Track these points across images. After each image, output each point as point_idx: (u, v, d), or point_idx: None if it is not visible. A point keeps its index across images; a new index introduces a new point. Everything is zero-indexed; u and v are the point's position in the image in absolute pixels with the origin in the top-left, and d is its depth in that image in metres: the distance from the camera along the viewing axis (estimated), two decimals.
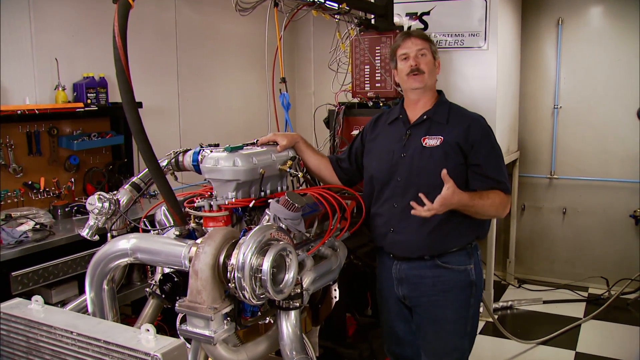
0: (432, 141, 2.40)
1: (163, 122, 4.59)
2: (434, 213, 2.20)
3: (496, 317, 4.55)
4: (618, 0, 5.07)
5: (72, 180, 3.78)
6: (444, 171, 2.20)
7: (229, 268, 1.77)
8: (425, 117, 2.46)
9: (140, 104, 4.01)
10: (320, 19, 3.38)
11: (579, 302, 5.03)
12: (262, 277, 1.75)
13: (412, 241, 2.43)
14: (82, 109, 3.61)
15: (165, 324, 2.75)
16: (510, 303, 4.96)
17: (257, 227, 1.85)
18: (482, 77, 4.27)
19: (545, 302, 5.02)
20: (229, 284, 1.77)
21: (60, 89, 3.64)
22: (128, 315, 3.50)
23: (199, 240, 1.92)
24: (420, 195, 2.21)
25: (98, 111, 3.76)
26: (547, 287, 5.38)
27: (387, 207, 2.48)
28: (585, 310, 4.84)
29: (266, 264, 1.75)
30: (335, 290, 2.55)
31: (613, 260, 5.27)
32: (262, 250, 1.78)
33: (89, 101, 3.73)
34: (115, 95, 4.03)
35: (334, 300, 2.56)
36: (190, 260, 1.86)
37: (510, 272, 5.55)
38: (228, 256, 1.80)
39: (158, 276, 2.18)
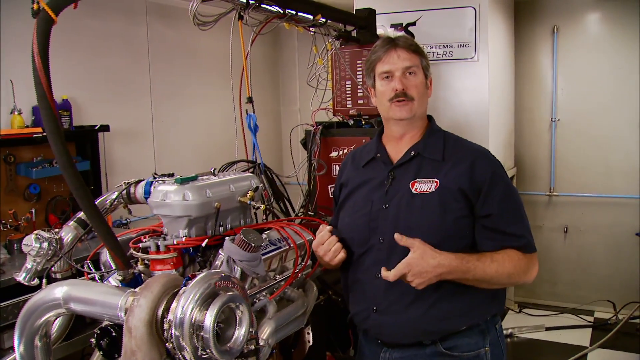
0: (424, 186, 1.82)
1: (136, 145, 4.33)
2: (398, 278, 1.69)
3: None
4: (616, 5, 4.87)
5: (33, 210, 3.49)
6: (397, 234, 1.72)
7: (166, 325, 1.50)
8: (412, 153, 1.88)
9: (107, 127, 3.79)
10: (305, 32, 3.14)
11: (584, 328, 4.75)
12: (204, 335, 1.47)
13: (404, 323, 1.83)
14: (40, 134, 3.33)
15: None
16: (510, 330, 4.66)
17: (201, 274, 1.57)
18: (473, 89, 4.08)
19: (548, 328, 4.74)
20: (167, 344, 1.50)
21: (16, 112, 3.38)
22: None
23: (138, 289, 1.64)
24: (396, 236, 1.72)
25: None
26: (549, 311, 5.10)
27: (368, 277, 1.89)
28: (592, 337, 4.56)
29: (209, 320, 1.47)
30: (308, 333, 2.28)
31: (619, 282, 5.00)
32: (205, 303, 1.50)
33: None
34: (80, 118, 3.79)
35: (308, 345, 2.30)
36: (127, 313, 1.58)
37: (510, 296, 5.25)
38: (168, 309, 1.53)
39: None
